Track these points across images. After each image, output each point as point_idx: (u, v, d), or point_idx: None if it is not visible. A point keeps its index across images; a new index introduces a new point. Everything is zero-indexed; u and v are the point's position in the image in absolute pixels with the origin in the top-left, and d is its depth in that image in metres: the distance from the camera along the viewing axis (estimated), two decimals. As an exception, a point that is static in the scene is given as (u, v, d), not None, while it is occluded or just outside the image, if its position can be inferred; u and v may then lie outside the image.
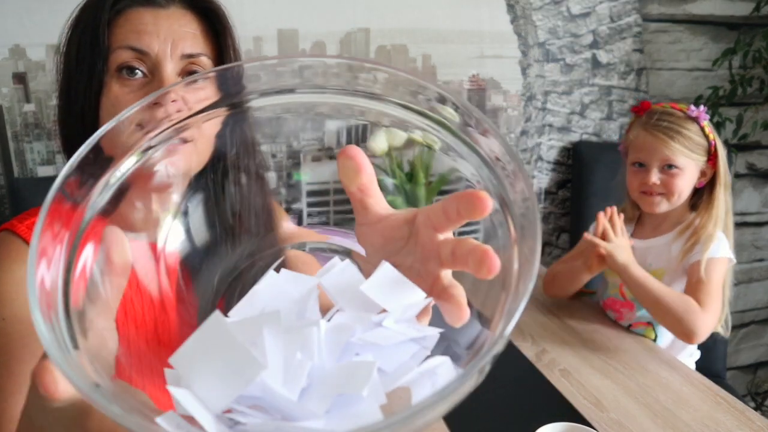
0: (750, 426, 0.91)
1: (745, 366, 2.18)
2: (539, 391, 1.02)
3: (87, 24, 0.70)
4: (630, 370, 1.08)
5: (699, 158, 1.17)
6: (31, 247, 0.30)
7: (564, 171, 1.79)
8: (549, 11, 1.64)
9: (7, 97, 1.40)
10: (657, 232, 1.25)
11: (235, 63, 0.45)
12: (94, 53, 0.68)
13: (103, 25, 0.68)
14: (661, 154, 1.17)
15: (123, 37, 0.68)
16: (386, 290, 0.34)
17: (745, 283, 2.07)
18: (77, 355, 0.30)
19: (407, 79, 0.39)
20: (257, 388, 0.30)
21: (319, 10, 1.51)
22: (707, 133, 1.16)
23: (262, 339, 0.31)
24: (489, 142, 0.36)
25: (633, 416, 0.94)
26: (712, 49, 1.79)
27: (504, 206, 0.33)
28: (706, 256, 1.13)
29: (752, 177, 1.97)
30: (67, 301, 0.32)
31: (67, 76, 0.73)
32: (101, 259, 0.35)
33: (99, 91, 0.69)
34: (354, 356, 0.32)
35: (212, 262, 0.45)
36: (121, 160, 0.37)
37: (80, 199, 0.35)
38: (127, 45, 0.68)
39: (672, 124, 1.17)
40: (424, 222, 0.37)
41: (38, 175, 1.45)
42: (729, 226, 1.20)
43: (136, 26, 0.69)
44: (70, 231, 0.34)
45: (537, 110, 1.72)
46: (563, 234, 1.84)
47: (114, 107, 0.68)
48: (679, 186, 1.17)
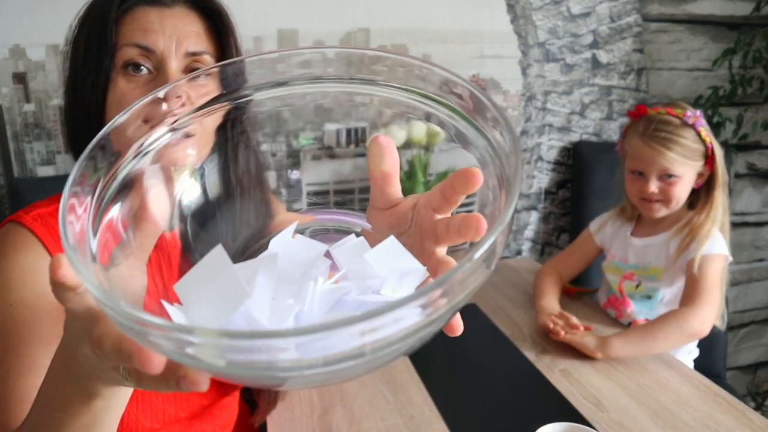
0: (750, 426, 0.91)
1: (745, 366, 2.18)
2: (539, 391, 1.02)
3: (94, 21, 0.72)
4: (630, 370, 1.08)
5: (696, 163, 1.17)
6: (64, 194, 0.34)
7: (564, 171, 1.79)
8: (549, 11, 1.64)
9: (7, 97, 1.40)
10: (655, 230, 1.25)
11: (237, 58, 0.46)
12: (102, 50, 0.70)
13: (110, 23, 0.71)
14: (659, 165, 1.17)
15: (130, 34, 0.71)
16: (388, 260, 0.36)
17: (745, 283, 2.07)
18: (94, 267, 0.33)
19: (411, 64, 0.44)
20: (245, 321, 0.32)
21: (319, 10, 1.51)
22: (704, 137, 1.17)
23: (255, 276, 0.33)
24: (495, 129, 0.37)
25: (633, 416, 0.94)
26: (712, 49, 1.79)
27: (501, 184, 0.35)
28: (701, 252, 1.14)
29: (752, 177, 1.97)
30: (93, 245, 0.35)
31: (74, 73, 0.74)
32: (136, 206, 0.39)
33: (106, 87, 0.71)
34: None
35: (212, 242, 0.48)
36: (129, 151, 0.40)
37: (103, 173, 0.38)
38: (134, 42, 0.71)
39: (669, 134, 1.16)
40: (424, 204, 0.41)
41: (38, 175, 1.45)
42: (726, 225, 1.21)
43: (143, 24, 0.72)
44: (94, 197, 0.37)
45: (537, 110, 1.72)
46: (563, 234, 1.84)
47: (120, 102, 0.70)
48: (677, 194, 1.18)
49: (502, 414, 0.96)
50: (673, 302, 1.22)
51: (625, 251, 1.29)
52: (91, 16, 0.73)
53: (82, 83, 0.72)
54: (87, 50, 0.72)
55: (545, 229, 1.83)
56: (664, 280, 1.22)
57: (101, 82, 0.71)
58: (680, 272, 1.19)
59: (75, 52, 0.74)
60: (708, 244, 1.15)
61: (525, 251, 1.83)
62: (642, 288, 1.25)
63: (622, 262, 1.29)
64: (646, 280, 1.24)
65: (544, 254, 1.84)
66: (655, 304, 1.23)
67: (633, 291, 1.26)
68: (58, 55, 1.39)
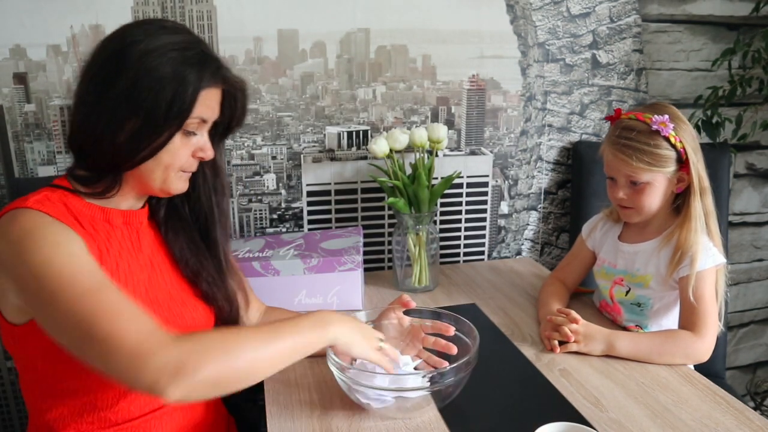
0: (749, 426, 0.92)
1: (745, 366, 2.18)
2: (539, 390, 1.03)
3: (171, 82, 0.82)
4: (630, 369, 1.08)
5: (668, 169, 1.13)
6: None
7: (564, 171, 1.79)
8: (549, 11, 1.64)
9: (8, 97, 1.40)
10: (643, 236, 1.23)
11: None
12: (176, 116, 0.83)
13: (192, 102, 0.84)
14: (624, 172, 1.14)
15: (202, 109, 0.86)
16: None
17: (745, 283, 2.07)
18: None
19: None
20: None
21: (319, 10, 1.51)
22: (674, 143, 1.11)
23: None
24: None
25: (633, 416, 0.95)
26: (712, 49, 1.79)
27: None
28: (694, 270, 1.11)
29: (752, 177, 1.97)
30: None
31: (116, 101, 0.82)
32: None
33: (163, 142, 0.84)
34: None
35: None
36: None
37: None
38: (202, 117, 0.87)
39: (632, 141, 1.12)
40: (416, 331, 1.06)
41: (39, 175, 1.45)
42: (713, 230, 1.16)
43: (210, 103, 0.88)
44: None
45: (537, 110, 1.73)
46: (563, 234, 1.84)
47: (173, 157, 0.87)
48: (645, 201, 1.15)
49: (502, 413, 0.96)
50: (663, 311, 1.21)
51: (614, 256, 1.27)
52: (162, 72, 0.81)
53: (124, 118, 0.82)
54: (153, 100, 0.81)
55: (545, 229, 1.83)
56: (653, 289, 1.19)
57: (161, 139, 0.83)
58: (671, 288, 1.17)
59: (132, 85, 0.81)
60: (699, 260, 1.11)
61: (525, 251, 1.83)
62: (632, 295, 1.22)
63: (611, 266, 1.27)
64: (635, 287, 1.22)
65: (543, 254, 1.85)
66: (646, 313, 1.22)
67: (623, 298, 1.24)
68: (59, 56, 1.39)
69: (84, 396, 0.86)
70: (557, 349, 1.13)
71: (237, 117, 0.96)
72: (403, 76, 1.62)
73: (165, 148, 0.85)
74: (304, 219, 1.63)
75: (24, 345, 0.85)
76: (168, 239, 0.99)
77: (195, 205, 1.00)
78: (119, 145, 0.83)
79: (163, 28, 0.85)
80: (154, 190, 0.90)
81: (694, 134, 1.15)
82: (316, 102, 1.57)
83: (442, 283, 1.55)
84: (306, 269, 1.32)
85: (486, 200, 1.76)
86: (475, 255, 1.79)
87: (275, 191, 1.59)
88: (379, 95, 1.61)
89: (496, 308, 1.37)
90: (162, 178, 0.88)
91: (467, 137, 1.70)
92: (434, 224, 1.57)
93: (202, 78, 0.84)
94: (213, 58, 0.87)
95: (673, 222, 1.18)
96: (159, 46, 0.82)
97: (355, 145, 1.60)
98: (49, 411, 0.87)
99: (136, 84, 0.80)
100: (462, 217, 1.75)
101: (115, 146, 0.83)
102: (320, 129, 1.58)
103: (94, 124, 0.82)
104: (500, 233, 1.80)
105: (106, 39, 0.85)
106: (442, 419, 0.94)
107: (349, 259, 1.34)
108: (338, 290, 1.34)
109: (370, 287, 1.50)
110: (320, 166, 1.60)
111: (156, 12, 1.41)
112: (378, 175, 1.49)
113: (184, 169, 0.90)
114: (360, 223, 1.65)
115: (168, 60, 0.81)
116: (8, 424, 1.60)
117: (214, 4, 1.44)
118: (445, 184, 1.45)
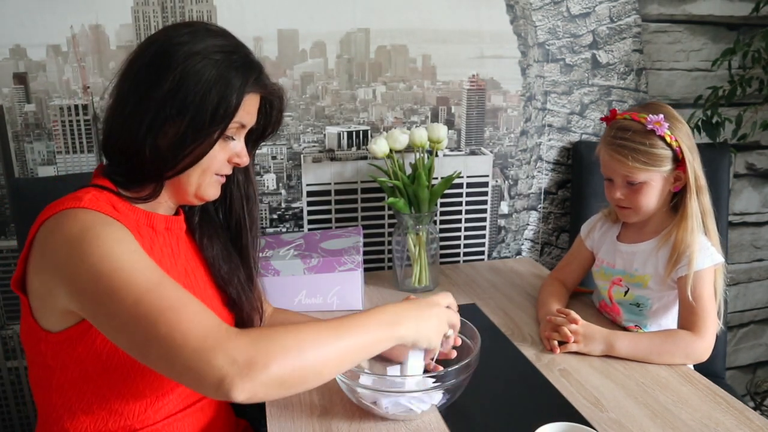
0: (749, 426, 0.92)
1: (745, 366, 2.18)
2: (539, 391, 1.03)
3: (214, 88, 0.80)
4: (630, 369, 1.08)
5: (664, 168, 1.13)
6: None
7: (564, 171, 1.79)
8: (549, 11, 1.64)
9: (8, 97, 1.40)
10: (641, 236, 1.22)
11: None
12: (218, 119, 0.82)
13: (237, 106, 0.83)
14: (620, 172, 1.14)
15: (242, 116, 0.85)
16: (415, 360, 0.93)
17: (745, 283, 2.07)
18: None
19: None
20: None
21: (319, 10, 1.51)
22: (669, 142, 1.11)
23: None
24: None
25: (633, 416, 0.95)
26: (712, 49, 1.79)
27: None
28: (692, 270, 1.11)
29: (752, 177, 1.97)
30: None
31: (158, 107, 0.80)
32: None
33: (207, 148, 0.83)
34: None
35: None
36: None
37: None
38: (242, 123, 0.87)
39: (627, 141, 1.12)
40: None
41: (39, 175, 1.45)
42: (711, 228, 1.16)
43: (251, 109, 0.87)
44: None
45: (537, 110, 1.73)
46: (563, 234, 1.84)
47: (212, 161, 0.86)
48: (642, 201, 1.15)
49: (502, 413, 0.96)
50: (662, 311, 1.21)
51: (612, 256, 1.27)
52: (208, 75, 0.80)
53: (166, 120, 0.80)
54: (199, 102, 0.80)
55: (545, 229, 1.83)
56: (652, 289, 1.19)
57: (204, 145, 0.82)
58: (669, 287, 1.17)
59: (177, 86, 0.80)
60: (697, 260, 1.11)
61: (525, 251, 1.83)
62: (630, 295, 1.22)
63: (609, 267, 1.27)
64: (634, 287, 1.22)
65: (543, 254, 1.85)
66: (645, 313, 1.22)
67: (622, 298, 1.24)
68: (59, 56, 1.39)
69: (112, 404, 0.84)
70: (557, 349, 1.13)
71: (273, 124, 0.95)
72: (403, 76, 1.62)
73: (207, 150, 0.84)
74: (304, 219, 1.63)
75: (57, 353, 0.82)
76: (203, 245, 0.98)
77: (228, 211, 0.99)
78: (161, 151, 0.81)
79: (207, 30, 0.84)
80: (188, 196, 0.89)
81: (689, 133, 1.15)
82: (316, 102, 1.57)
83: (442, 283, 1.55)
84: (306, 269, 1.32)
85: (486, 200, 1.76)
86: (475, 255, 1.79)
87: (275, 191, 1.59)
88: (379, 95, 1.61)
89: (496, 308, 1.37)
90: (198, 183, 0.87)
91: (467, 137, 1.70)
92: (434, 224, 1.58)
93: (247, 83, 0.83)
94: (257, 63, 0.86)
95: (671, 221, 1.18)
96: (204, 48, 0.80)
97: (355, 145, 1.61)
98: (70, 419, 0.85)
99: (181, 85, 0.79)
100: (462, 217, 1.75)
101: (157, 151, 0.81)
102: (320, 129, 1.58)
103: (136, 127, 0.80)
104: (500, 233, 1.80)
105: (149, 39, 0.84)
106: (443, 419, 0.94)
107: (349, 259, 1.34)
108: (338, 290, 1.34)
109: (370, 287, 1.50)
110: (320, 166, 1.60)
111: (156, 12, 1.41)
112: (378, 175, 1.49)
113: (219, 172, 0.89)
114: (360, 223, 1.66)
115: (214, 62, 0.80)
116: (8, 424, 1.60)
117: (214, 4, 1.44)
118: (445, 184, 1.45)
